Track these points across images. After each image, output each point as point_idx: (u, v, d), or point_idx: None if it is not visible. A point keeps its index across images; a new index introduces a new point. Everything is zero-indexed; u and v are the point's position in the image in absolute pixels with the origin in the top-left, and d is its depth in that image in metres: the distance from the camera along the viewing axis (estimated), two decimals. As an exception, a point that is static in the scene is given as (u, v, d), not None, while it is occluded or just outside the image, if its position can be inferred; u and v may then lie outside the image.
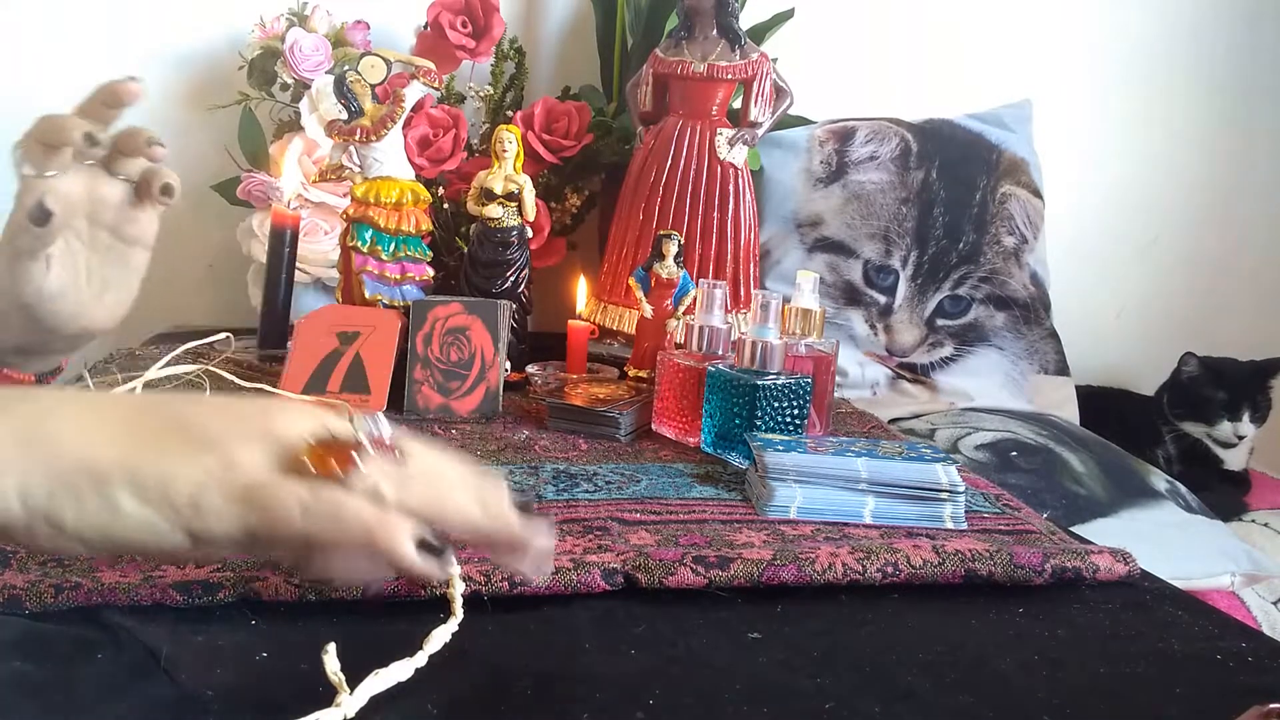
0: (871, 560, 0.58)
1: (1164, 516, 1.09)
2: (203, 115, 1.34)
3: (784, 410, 0.81)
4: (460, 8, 1.26)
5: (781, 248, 1.38)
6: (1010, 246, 1.42)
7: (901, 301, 1.38)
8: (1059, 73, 1.63)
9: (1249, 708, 0.40)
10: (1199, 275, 1.77)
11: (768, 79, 1.11)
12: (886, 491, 0.70)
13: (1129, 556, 0.62)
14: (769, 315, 0.83)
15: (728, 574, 0.56)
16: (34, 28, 1.34)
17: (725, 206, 1.13)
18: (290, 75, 1.23)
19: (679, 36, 1.12)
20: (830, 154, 1.40)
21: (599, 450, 0.84)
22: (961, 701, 0.46)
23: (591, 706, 0.44)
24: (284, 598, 0.51)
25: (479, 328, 0.92)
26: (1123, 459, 1.20)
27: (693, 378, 0.86)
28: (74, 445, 0.37)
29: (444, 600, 0.52)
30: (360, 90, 0.98)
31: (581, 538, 0.63)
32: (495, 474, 0.49)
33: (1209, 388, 1.43)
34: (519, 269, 1.02)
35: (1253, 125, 1.73)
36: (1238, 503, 1.33)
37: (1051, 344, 1.44)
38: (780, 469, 0.70)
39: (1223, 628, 0.56)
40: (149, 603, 0.50)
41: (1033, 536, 0.68)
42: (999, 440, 1.19)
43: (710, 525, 0.67)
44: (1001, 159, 1.45)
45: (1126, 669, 0.50)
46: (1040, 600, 0.58)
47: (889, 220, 1.39)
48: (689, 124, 1.12)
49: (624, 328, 1.13)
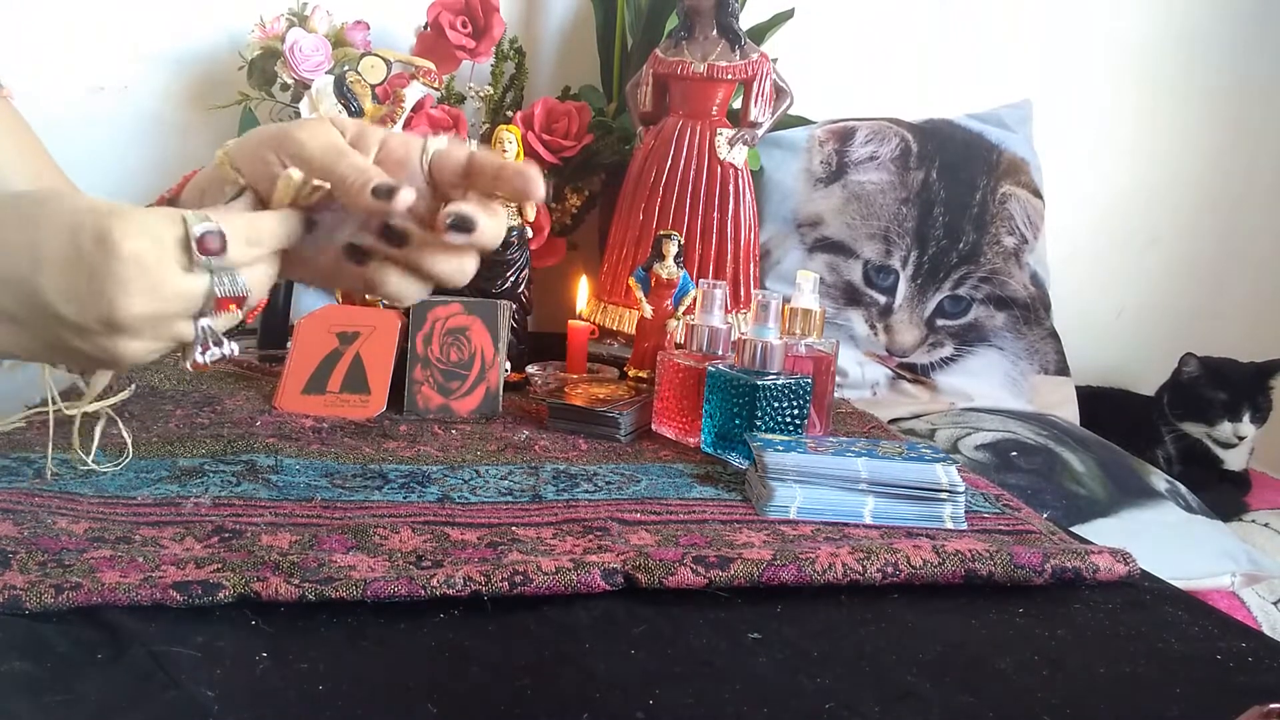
0: (871, 560, 0.58)
1: (1164, 516, 1.09)
2: (203, 115, 1.34)
3: (784, 410, 0.81)
4: (460, 8, 1.26)
5: (781, 248, 1.38)
6: (1010, 246, 1.42)
7: (901, 302, 1.38)
8: (1059, 73, 1.63)
9: (1249, 708, 0.40)
10: (1199, 275, 1.77)
11: (768, 79, 1.11)
12: (886, 491, 0.70)
13: (1129, 556, 0.62)
14: (769, 315, 0.83)
15: (728, 574, 0.56)
16: (34, 28, 1.34)
17: (725, 206, 1.13)
18: (290, 75, 1.23)
19: (679, 36, 1.12)
20: (830, 154, 1.40)
21: (599, 450, 0.84)
22: (961, 701, 0.46)
23: (591, 706, 0.44)
24: (284, 598, 0.51)
25: (479, 328, 0.92)
26: (1123, 459, 1.20)
27: (693, 378, 0.86)
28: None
29: (444, 600, 0.52)
30: (360, 90, 0.98)
31: (581, 538, 0.63)
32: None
33: (1209, 388, 1.43)
34: (519, 269, 1.02)
35: (1253, 125, 1.72)
36: (1238, 503, 1.33)
37: (1051, 344, 1.44)
38: (780, 469, 0.70)
39: (1223, 628, 0.56)
40: (149, 603, 0.50)
41: (1033, 536, 0.68)
42: (999, 440, 1.19)
43: (710, 525, 0.67)
44: (1001, 159, 1.45)
45: (1126, 669, 0.50)
46: (1040, 600, 0.58)
47: (889, 220, 1.39)
48: (689, 124, 1.12)
49: (624, 328, 1.13)
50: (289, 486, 0.70)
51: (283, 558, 0.57)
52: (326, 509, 0.66)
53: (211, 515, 0.64)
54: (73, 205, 0.41)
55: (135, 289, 0.40)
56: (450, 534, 0.63)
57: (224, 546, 0.59)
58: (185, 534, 0.60)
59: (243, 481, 0.71)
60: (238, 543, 0.59)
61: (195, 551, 0.58)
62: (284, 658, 0.47)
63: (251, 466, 0.73)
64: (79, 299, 0.40)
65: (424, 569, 0.55)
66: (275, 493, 0.69)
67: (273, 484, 0.71)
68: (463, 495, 0.71)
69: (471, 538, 0.62)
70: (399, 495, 0.70)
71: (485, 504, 0.69)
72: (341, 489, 0.71)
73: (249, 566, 0.55)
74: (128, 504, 0.65)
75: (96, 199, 0.42)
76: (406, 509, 0.67)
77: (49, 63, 1.34)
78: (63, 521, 0.61)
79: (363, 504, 0.68)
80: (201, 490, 0.68)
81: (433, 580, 0.53)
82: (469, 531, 0.64)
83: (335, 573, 0.54)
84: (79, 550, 0.57)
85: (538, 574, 0.54)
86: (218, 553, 0.58)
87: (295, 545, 0.59)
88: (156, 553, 0.57)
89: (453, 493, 0.71)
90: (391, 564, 0.57)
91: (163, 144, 1.35)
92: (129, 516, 0.63)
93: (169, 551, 0.57)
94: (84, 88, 1.32)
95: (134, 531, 0.60)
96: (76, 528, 0.60)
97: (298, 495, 0.69)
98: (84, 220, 0.40)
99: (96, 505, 0.64)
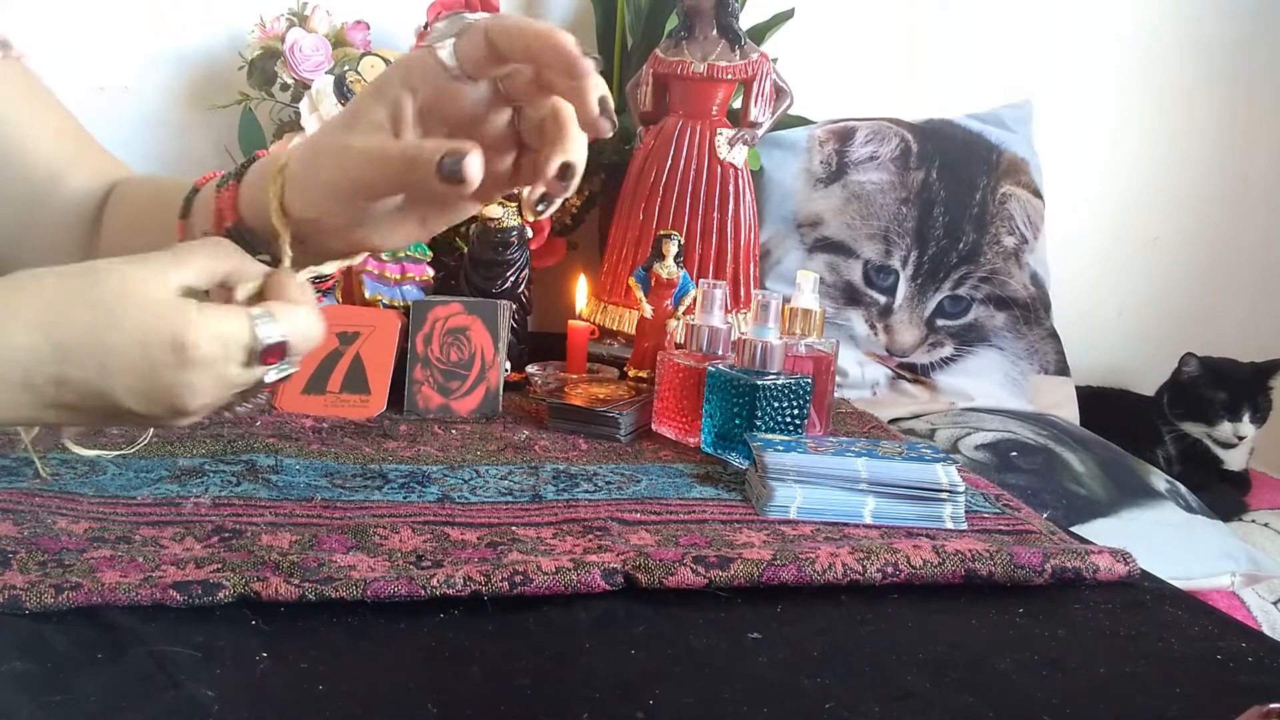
0: (871, 560, 0.58)
1: (1164, 516, 1.09)
2: (203, 115, 1.34)
3: (784, 410, 0.81)
4: (460, 8, 1.26)
5: (781, 248, 1.38)
6: (1010, 246, 1.42)
7: (901, 301, 1.38)
8: (1059, 73, 1.63)
9: (1249, 708, 0.40)
10: (1199, 275, 1.77)
11: (768, 79, 1.11)
12: (886, 491, 0.70)
13: (1129, 556, 0.62)
14: (769, 315, 0.83)
15: (728, 574, 0.56)
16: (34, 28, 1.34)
17: (725, 206, 1.13)
18: (290, 75, 1.23)
19: (679, 36, 1.12)
20: (830, 154, 1.40)
21: (599, 450, 0.84)
22: (961, 701, 0.46)
23: (591, 706, 0.44)
24: (284, 598, 0.51)
25: (479, 328, 0.92)
26: (1123, 459, 1.20)
27: (693, 378, 0.86)
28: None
29: (444, 600, 0.52)
30: (360, 90, 0.98)
31: (581, 538, 0.63)
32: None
33: (1209, 388, 1.43)
34: (519, 269, 1.02)
35: (1253, 125, 1.72)
36: (1238, 503, 1.33)
37: (1051, 344, 1.44)
38: (780, 469, 0.70)
39: (1223, 628, 0.56)
40: (149, 603, 0.50)
41: (1033, 536, 0.68)
42: (999, 440, 1.19)
43: (710, 525, 0.67)
44: (1001, 159, 1.45)
45: (1126, 669, 0.50)
46: (1040, 600, 0.58)
47: (889, 220, 1.39)
48: (689, 124, 1.12)
49: (624, 328, 1.13)
50: (289, 486, 0.70)
51: (283, 558, 0.57)
52: (326, 509, 0.66)
53: (211, 515, 0.64)
54: (141, 304, 0.41)
55: (202, 389, 0.42)
56: (450, 534, 0.63)
57: (224, 546, 0.59)
58: (185, 534, 0.60)
59: (243, 481, 0.71)
60: (238, 543, 0.59)
61: (195, 551, 0.58)
62: (284, 658, 0.47)
63: (251, 466, 0.73)
64: (148, 398, 0.41)
65: (424, 569, 0.55)
66: (275, 493, 0.69)
67: (273, 484, 0.71)
68: (463, 495, 0.71)
69: (471, 537, 0.62)
70: (399, 495, 0.70)
71: (485, 504, 0.69)
72: (341, 489, 0.71)
73: (249, 566, 0.55)
74: (128, 504, 0.65)
75: (158, 282, 0.42)
76: (406, 509, 0.67)
77: (49, 63, 1.34)
78: (63, 521, 0.61)
79: (363, 504, 0.68)
80: (201, 490, 0.68)
81: (433, 580, 0.53)
82: (469, 531, 0.64)
83: (335, 573, 0.54)
84: (79, 550, 0.57)
85: (538, 574, 0.54)
86: (218, 553, 0.58)
87: (295, 545, 0.59)
88: (156, 553, 0.57)
89: (453, 492, 0.71)
90: (391, 564, 0.57)
91: (163, 144, 1.35)
92: (129, 516, 0.63)
93: (169, 551, 0.57)
94: (84, 88, 1.32)
95: (134, 531, 0.60)
96: (76, 528, 0.60)
97: (298, 495, 0.69)
98: (155, 328, 0.40)
99: (96, 505, 0.64)
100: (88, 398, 0.41)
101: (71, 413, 0.42)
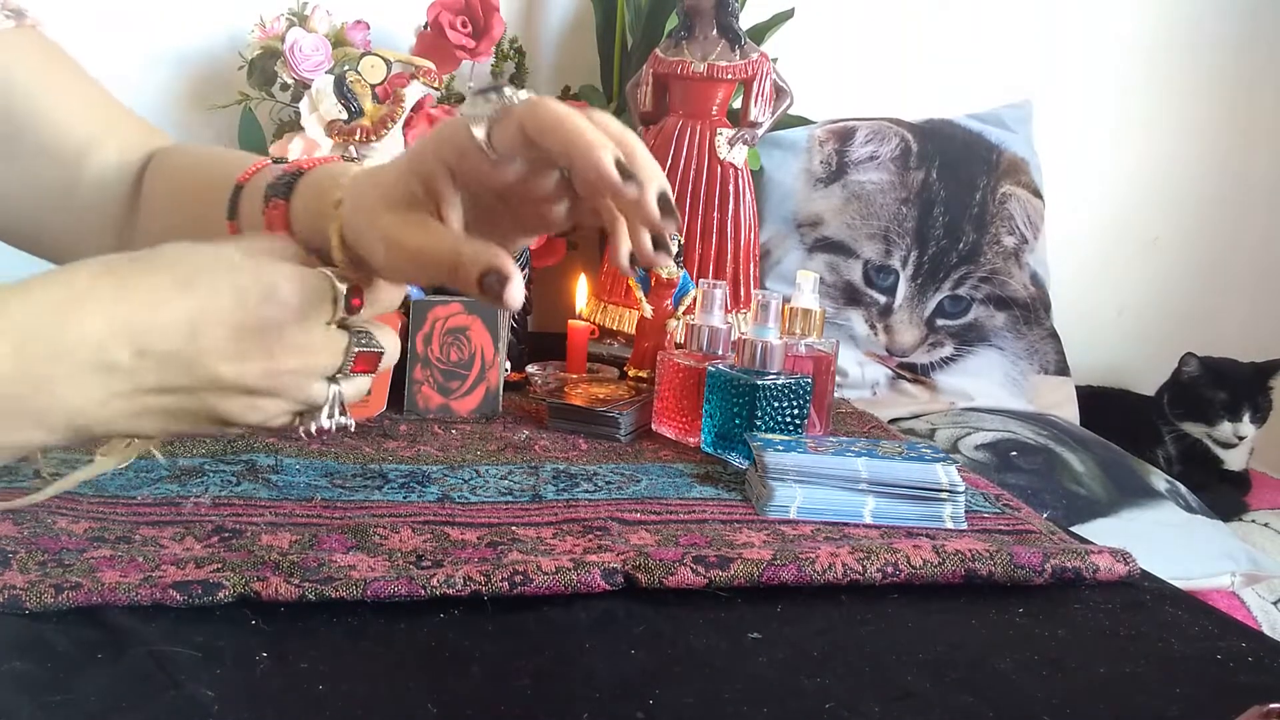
0: (871, 560, 0.58)
1: (1164, 516, 1.09)
2: (203, 115, 1.34)
3: (784, 410, 0.81)
4: (460, 8, 1.26)
5: (781, 248, 1.38)
6: (1010, 246, 1.42)
7: (901, 301, 1.38)
8: (1059, 73, 1.63)
9: (1249, 708, 0.40)
10: (1199, 275, 1.77)
11: (768, 79, 1.11)
12: (886, 491, 0.70)
13: (1129, 556, 0.62)
14: (769, 315, 0.83)
15: (728, 574, 0.56)
16: (34, 27, 1.34)
17: (725, 206, 1.13)
18: (290, 75, 1.23)
19: (679, 36, 1.12)
20: (830, 154, 1.40)
21: (599, 450, 0.84)
22: (961, 701, 0.46)
23: (591, 706, 0.44)
24: (284, 598, 0.51)
25: (479, 328, 0.92)
26: (1123, 459, 1.20)
27: (693, 378, 0.86)
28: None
29: (444, 600, 0.52)
30: (360, 90, 0.98)
31: (581, 538, 0.63)
32: None
33: (1209, 388, 1.43)
34: (518, 269, 1.02)
35: (1253, 125, 1.73)
36: (1238, 503, 1.33)
37: (1051, 344, 1.44)
38: (780, 469, 0.70)
39: (1223, 628, 0.56)
40: (149, 602, 0.50)
41: (1033, 536, 0.68)
42: (999, 440, 1.19)
43: (710, 525, 0.67)
44: (1001, 159, 1.45)
45: (1126, 669, 0.50)
46: (1040, 600, 0.58)
47: (889, 220, 1.39)
48: (689, 124, 1.12)
49: (624, 328, 1.13)
50: (289, 486, 0.70)
51: (283, 557, 0.57)
52: (326, 509, 0.66)
53: (211, 515, 0.64)
54: (228, 261, 0.41)
55: (292, 343, 0.41)
56: (450, 534, 0.63)
57: (224, 546, 0.59)
58: (185, 534, 0.60)
59: (243, 481, 0.71)
60: (238, 542, 0.59)
61: (195, 551, 0.58)
62: (284, 658, 0.47)
63: (251, 466, 0.73)
64: (241, 357, 0.41)
65: (424, 569, 0.55)
66: (275, 492, 0.69)
67: (273, 484, 0.71)
68: (463, 495, 0.71)
69: (471, 537, 0.62)
70: (399, 495, 0.70)
71: (485, 504, 0.69)
72: (341, 489, 0.71)
73: (249, 566, 0.55)
74: (128, 504, 0.65)
75: (246, 248, 0.42)
76: (406, 509, 0.67)
77: (49, 62, 1.34)
78: (63, 521, 0.61)
79: (363, 504, 0.68)
80: (201, 490, 0.68)
81: (433, 580, 0.53)
82: (469, 531, 0.64)
83: (335, 572, 0.54)
84: (79, 550, 0.57)
85: (538, 574, 0.54)
86: (218, 552, 0.58)
87: (295, 545, 0.59)
88: (156, 552, 0.57)
89: (453, 492, 0.71)
90: (391, 564, 0.57)
91: (163, 144, 1.35)
92: (129, 516, 0.63)
93: (169, 551, 0.57)
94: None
95: (134, 531, 0.60)
96: (76, 527, 0.60)
97: (298, 495, 0.69)
98: (246, 278, 0.41)
99: (96, 505, 0.64)
100: (177, 371, 0.40)
101: (147, 398, 0.40)
